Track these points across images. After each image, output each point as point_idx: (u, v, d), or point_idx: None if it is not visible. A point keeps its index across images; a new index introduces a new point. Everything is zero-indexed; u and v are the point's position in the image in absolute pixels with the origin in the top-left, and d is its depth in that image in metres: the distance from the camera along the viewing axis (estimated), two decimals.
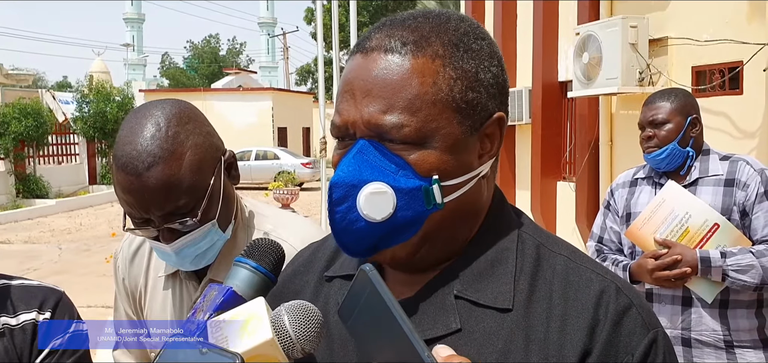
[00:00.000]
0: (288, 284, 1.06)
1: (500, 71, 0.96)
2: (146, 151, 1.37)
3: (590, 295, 0.88)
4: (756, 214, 2.41)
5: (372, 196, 0.87)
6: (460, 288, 0.91)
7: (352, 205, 0.88)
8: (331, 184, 0.89)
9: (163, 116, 1.41)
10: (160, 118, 1.41)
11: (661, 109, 2.57)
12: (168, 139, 1.39)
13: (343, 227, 0.89)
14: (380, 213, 0.87)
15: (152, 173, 1.36)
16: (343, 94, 0.92)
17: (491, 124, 0.94)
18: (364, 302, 0.77)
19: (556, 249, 0.95)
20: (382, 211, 0.87)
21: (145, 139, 1.38)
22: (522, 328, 0.87)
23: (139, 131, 1.39)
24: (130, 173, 1.36)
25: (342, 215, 0.89)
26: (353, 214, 0.88)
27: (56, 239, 14.12)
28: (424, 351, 0.72)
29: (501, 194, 1.01)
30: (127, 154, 1.37)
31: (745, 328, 2.42)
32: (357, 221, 0.88)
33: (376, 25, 0.97)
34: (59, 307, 1.43)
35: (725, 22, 5.41)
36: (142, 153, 1.36)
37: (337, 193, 0.88)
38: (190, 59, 75.67)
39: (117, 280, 1.76)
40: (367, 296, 0.76)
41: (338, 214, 0.89)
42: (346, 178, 0.88)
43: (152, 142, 1.37)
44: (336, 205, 0.88)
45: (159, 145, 1.37)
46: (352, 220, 0.88)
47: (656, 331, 0.88)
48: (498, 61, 0.96)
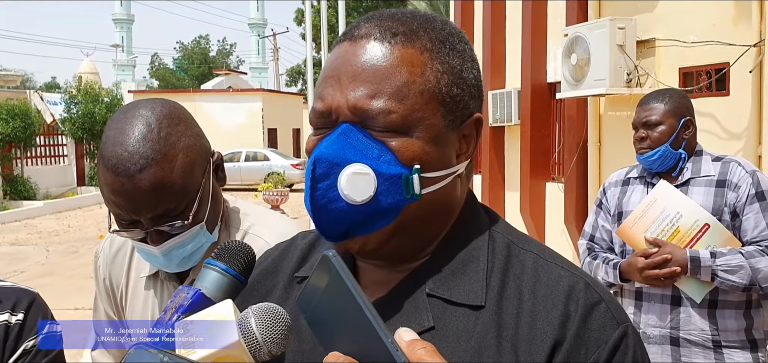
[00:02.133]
0: (257, 285, 1.05)
1: (479, 76, 0.99)
2: (138, 152, 1.34)
3: (560, 290, 0.89)
4: (746, 215, 2.42)
5: (354, 176, 0.86)
6: (433, 286, 0.91)
7: (333, 183, 0.87)
8: (314, 159, 0.87)
9: (153, 116, 1.39)
10: (150, 119, 1.38)
11: (654, 110, 2.58)
12: (160, 140, 1.36)
13: (322, 205, 0.88)
14: (361, 195, 0.86)
15: (144, 175, 1.33)
16: (327, 79, 0.92)
17: (470, 124, 0.96)
18: (326, 289, 0.75)
19: (526, 247, 0.96)
20: (363, 193, 0.86)
21: (136, 140, 1.35)
22: (494, 324, 0.88)
23: (129, 131, 1.36)
24: (121, 175, 1.33)
25: (322, 192, 0.88)
26: (333, 193, 0.87)
27: (44, 241, 14.04)
28: (388, 336, 0.71)
29: (473, 195, 1.02)
30: (118, 155, 1.34)
31: (734, 329, 2.43)
32: (336, 201, 0.87)
33: (364, 17, 0.97)
34: (33, 308, 1.41)
35: (712, 24, 5.44)
36: (134, 154, 1.33)
37: (320, 169, 0.87)
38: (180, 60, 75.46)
39: (98, 280, 1.73)
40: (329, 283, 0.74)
41: (319, 191, 0.88)
42: (328, 155, 0.87)
43: (144, 143, 1.34)
44: (318, 181, 0.87)
45: (151, 147, 1.35)
46: (332, 198, 0.87)
47: (626, 326, 0.89)
48: (477, 66, 0.99)
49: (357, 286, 0.74)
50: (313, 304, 0.76)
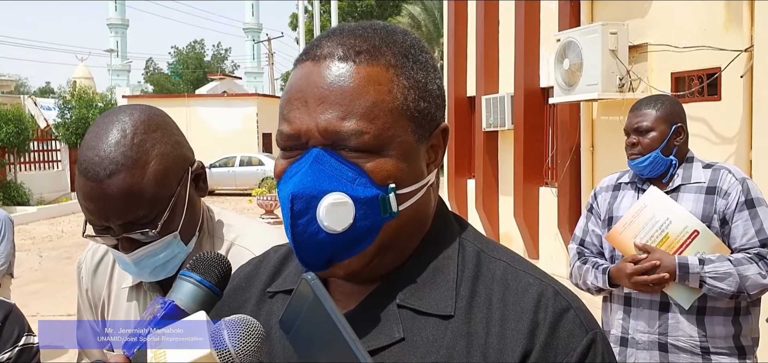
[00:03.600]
0: (229, 300, 1.04)
1: (442, 84, 0.99)
2: (108, 157, 1.32)
3: (529, 298, 0.89)
4: (736, 222, 2.42)
5: (332, 207, 0.85)
6: (403, 297, 0.91)
7: (313, 217, 0.86)
8: (291, 196, 0.86)
9: (129, 122, 1.37)
10: (126, 125, 1.36)
11: (646, 116, 2.57)
12: (133, 146, 1.34)
13: (304, 240, 0.87)
14: (341, 224, 0.86)
15: (113, 181, 1.31)
16: (292, 101, 0.90)
17: (437, 134, 0.96)
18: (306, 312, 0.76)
19: (495, 255, 0.95)
20: (343, 222, 0.86)
21: (108, 145, 1.33)
22: (463, 334, 0.87)
23: (103, 136, 1.35)
24: (91, 179, 1.32)
25: (303, 227, 0.86)
26: (313, 227, 0.86)
27: (37, 247, 13.97)
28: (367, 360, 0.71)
29: (443, 203, 1.02)
30: (89, 159, 1.33)
31: (722, 335, 2.43)
32: (317, 233, 0.86)
33: (323, 34, 0.96)
34: (9, 319, 1.39)
35: (703, 30, 5.46)
36: (105, 159, 1.32)
37: (298, 205, 0.86)
38: (175, 65, 75.33)
39: (80, 290, 1.71)
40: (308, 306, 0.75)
41: (299, 226, 0.86)
42: (304, 189, 0.86)
43: (116, 148, 1.33)
44: (297, 217, 0.86)
45: (122, 153, 1.33)
46: (313, 232, 0.86)
47: (595, 332, 0.89)
48: (440, 74, 0.99)
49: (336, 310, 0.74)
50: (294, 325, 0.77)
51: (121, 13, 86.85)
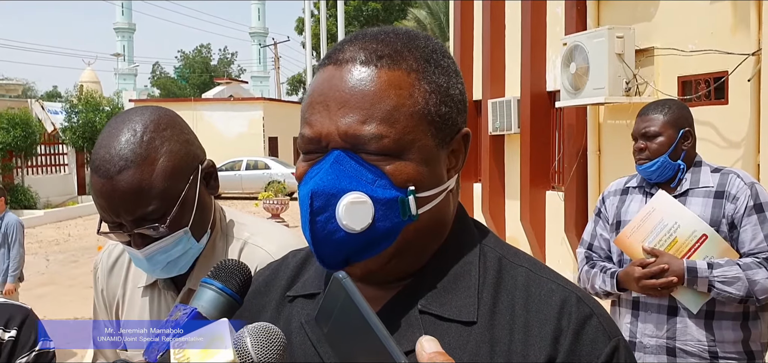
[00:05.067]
0: (248, 305, 1.04)
1: (463, 89, 0.98)
2: (119, 155, 1.37)
3: (552, 305, 0.89)
4: (744, 227, 2.42)
5: (351, 206, 0.86)
6: (425, 303, 0.91)
7: (331, 215, 0.87)
8: (311, 192, 0.87)
9: (140, 122, 1.42)
10: (137, 124, 1.42)
11: (653, 121, 2.57)
12: (142, 144, 1.39)
13: (322, 238, 0.88)
14: (359, 223, 0.86)
15: (123, 177, 1.36)
16: (314, 105, 0.91)
17: (458, 139, 0.96)
18: (339, 310, 0.76)
19: (516, 261, 0.96)
20: (362, 222, 0.86)
21: (119, 144, 1.39)
22: (486, 340, 0.88)
23: (115, 136, 1.40)
24: (102, 176, 1.37)
25: (321, 225, 0.87)
26: (332, 225, 0.87)
27: (44, 250, 14.01)
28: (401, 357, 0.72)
29: (463, 209, 1.02)
30: (101, 157, 1.39)
31: (730, 340, 2.43)
32: (336, 232, 0.87)
33: (347, 38, 0.97)
34: (26, 324, 1.41)
35: (710, 33, 5.45)
36: (115, 157, 1.37)
37: (318, 202, 0.87)
38: (181, 69, 75.49)
39: (96, 290, 1.75)
40: (341, 305, 0.76)
41: (318, 224, 0.87)
42: (325, 187, 0.86)
43: (126, 146, 1.38)
44: (316, 214, 0.87)
45: (132, 150, 1.38)
46: (331, 230, 0.87)
47: (618, 339, 0.89)
48: (461, 79, 0.98)
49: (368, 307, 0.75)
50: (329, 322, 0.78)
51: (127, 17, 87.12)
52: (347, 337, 0.77)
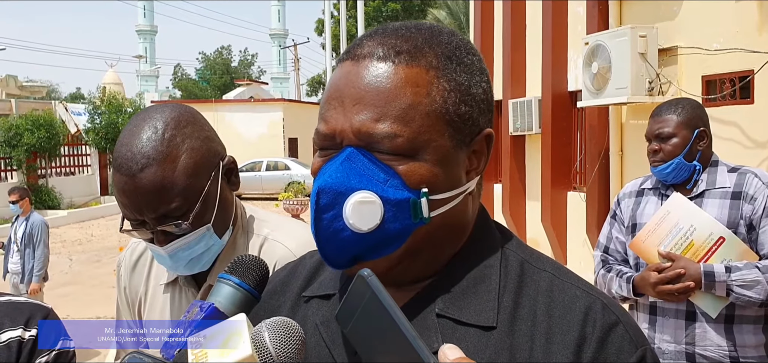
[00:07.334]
0: (264, 304, 1.03)
1: (489, 87, 0.94)
2: (141, 152, 1.38)
3: (576, 311, 0.86)
4: (763, 228, 2.35)
5: (359, 205, 0.84)
6: (442, 307, 0.89)
7: (338, 213, 0.85)
8: (318, 189, 0.85)
9: (161, 120, 1.43)
10: (158, 122, 1.42)
11: (667, 122, 2.51)
12: (164, 141, 1.40)
13: (328, 236, 0.86)
14: (367, 223, 0.84)
15: (145, 174, 1.37)
16: (330, 101, 0.89)
17: (480, 140, 0.93)
18: (363, 308, 0.75)
19: (539, 265, 0.93)
20: (369, 222, 0.84)
21: (141, 141, 1.39)
22: (506, 346, 0.85)
23: (137, 133, 1.41)
24: (125, 174, 1.38)
25: (327, 223, 0.85)
26: (338, 223, 0.85)
27: (67, 250, 14.18)
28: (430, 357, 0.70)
29: (485, 212, 0.99)
30: (123, 155, 1.39)
31: (752, 345, 2.37)
32: (342, 230, 0.85)
33: (367, 33, 0.94)
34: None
35: (735, 32, 5.37)
36: (137, 154, 1.38)
37: (324, 199, 0.85)
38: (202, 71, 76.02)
39: (119, 289, 1.76)
40: (366, 302, 0.75)
41: (324, 221, 0.85)
42: (333, 184, 0.85)
43: (148, 144, 1.39)
44: (322, 211, 0.85)
45: (153, 147, 1.39)
46: (337, 229, 0.85)
47: (644, 349, 0.86)
48: (487, 77, 0.94)
49: (395, 305, 0.73)
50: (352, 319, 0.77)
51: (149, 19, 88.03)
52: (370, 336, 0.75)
